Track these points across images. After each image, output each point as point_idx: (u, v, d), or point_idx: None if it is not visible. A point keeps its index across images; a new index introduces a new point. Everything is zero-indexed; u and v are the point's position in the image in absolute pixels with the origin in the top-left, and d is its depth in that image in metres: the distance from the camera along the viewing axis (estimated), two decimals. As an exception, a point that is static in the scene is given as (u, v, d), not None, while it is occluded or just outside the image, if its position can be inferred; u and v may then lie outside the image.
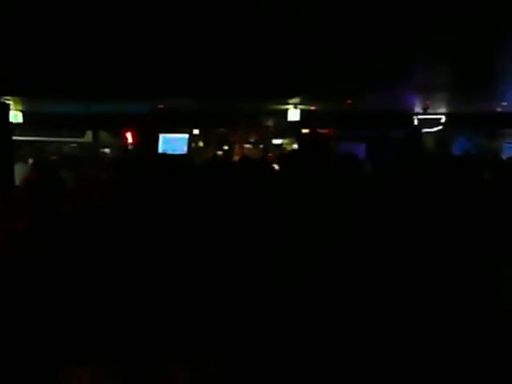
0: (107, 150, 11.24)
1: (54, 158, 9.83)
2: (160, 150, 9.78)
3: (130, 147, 10.24)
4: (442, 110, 10.32)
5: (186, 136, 10.57)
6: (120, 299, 2.40)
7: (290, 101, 9.15)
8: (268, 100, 9.13)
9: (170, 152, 9.50)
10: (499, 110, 9.82)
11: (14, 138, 7.43)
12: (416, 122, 10.75)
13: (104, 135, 11.07)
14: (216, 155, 7.85)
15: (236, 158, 9.37)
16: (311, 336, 2.18)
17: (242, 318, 2.28)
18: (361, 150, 10.49)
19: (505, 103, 9.10)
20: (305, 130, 11.37)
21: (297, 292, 2.20)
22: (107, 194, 2.91)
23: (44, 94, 7.88)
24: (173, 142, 9.90)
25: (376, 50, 5.12)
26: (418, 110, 10.29)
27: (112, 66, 6.02)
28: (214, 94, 8.40)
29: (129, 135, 10.48)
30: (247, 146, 11.49)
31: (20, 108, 9.13)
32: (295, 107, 9.67)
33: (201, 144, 10.97)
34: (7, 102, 7.51)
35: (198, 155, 10.02)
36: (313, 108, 9.77)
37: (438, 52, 5.27)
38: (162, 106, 9.85)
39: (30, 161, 8.51)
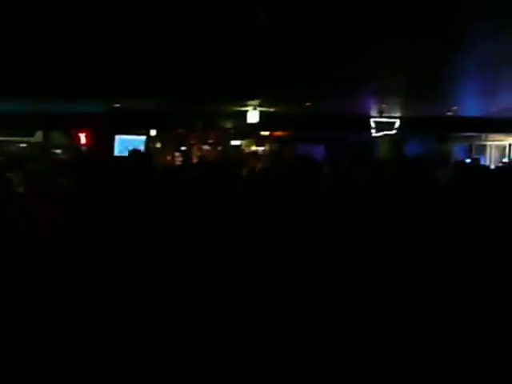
0: (59, 151, 10.79)
1: (1, 158, 9.33)
2: (116, 152, 9.47)
3: (83, 148, 9.87)
4: (397, 114, 10.62)
5: (143, 138, 10.31)
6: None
7: (250, 103, 9.12)
8: (227, 102, 9.06)
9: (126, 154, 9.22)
10: (450, 114, 10.21)
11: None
12: (372, 125, 11.00)
13: (56, 135, 10.61)
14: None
15: (194, 160, 9.24)
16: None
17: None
18: (319, 151, 10.62)
19: (455, 107, 9.46)
20: (264, 132, 11.39)
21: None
22: (60, 202, 2.74)
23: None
24: (129, 144, 9.62)
25: (333, 56, 5.18)
26: (374, 113, 10.53)
27: (64, 63, 5.76)
28: (172, 94, 8.23)
29: (82, 136, 10.10)
30: (205, 147, 11.37)
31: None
32: (254, 109, 9.66)
33: (158, 145, 10.73)
34: None
35: (155, 157, 9.79)
36: (272, 110, 9.80)
37: (392, 59, 5.41)
38: (117, 106, 9.56)
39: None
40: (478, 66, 5.89)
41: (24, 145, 10.88)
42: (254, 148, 11.75)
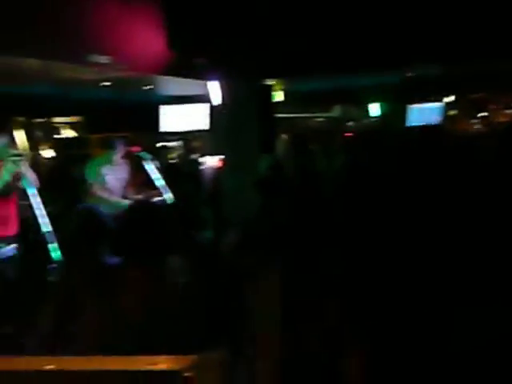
0: (351, 123, 11.45)
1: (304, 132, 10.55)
2: (408, 123, 9.32)
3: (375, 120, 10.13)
4: None
5: (439, 105, 9.76)
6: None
7: None
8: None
9: (418, 124, 8.97)
10: None
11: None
12: None
13: (350, 109, 11.27)
14: None
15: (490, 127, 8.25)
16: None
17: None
18: None
19: None
20: None
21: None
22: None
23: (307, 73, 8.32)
24: (424, 112, 9.32)
25: None
26: None
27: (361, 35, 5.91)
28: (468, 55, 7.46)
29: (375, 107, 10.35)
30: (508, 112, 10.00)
31: (281, 87, 9.92)
32: None
33: (453, 112, 10.03)
34: (269, 83, 8.31)
35: (451, 126, 9.23)
36: None
37: None
38: (410, 75, 9.37)
39: (283, 136, 9.31)
40: None
41: (322, 119, 12.00)
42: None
